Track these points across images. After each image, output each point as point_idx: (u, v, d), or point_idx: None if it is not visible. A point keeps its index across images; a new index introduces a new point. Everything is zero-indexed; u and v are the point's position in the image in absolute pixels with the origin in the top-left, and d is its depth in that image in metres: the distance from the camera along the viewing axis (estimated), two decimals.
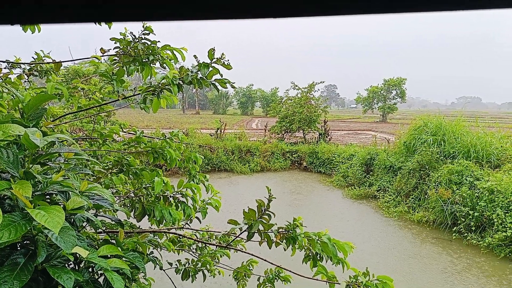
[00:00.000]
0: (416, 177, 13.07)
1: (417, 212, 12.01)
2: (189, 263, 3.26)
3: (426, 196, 12.23)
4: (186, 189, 2.89)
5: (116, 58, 2.70)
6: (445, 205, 11.08)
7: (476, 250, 9.62)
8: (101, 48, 2.66)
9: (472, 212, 10.28)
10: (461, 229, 10.45)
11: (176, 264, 3.31)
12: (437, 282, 7.91)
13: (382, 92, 55.56)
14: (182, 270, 3.23)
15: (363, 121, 56.75)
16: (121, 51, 2.66)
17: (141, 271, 2.16)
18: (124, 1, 0.43)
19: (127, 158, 3.12)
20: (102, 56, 2.72)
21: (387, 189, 14.31)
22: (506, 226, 9.35)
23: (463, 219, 10.49)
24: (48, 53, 3.25)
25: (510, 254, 9.04)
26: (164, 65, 2.92)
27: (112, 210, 2.58)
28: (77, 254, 1.60)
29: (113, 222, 2.60)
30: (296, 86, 24.52)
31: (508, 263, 8.85)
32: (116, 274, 1.68)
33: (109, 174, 3.07)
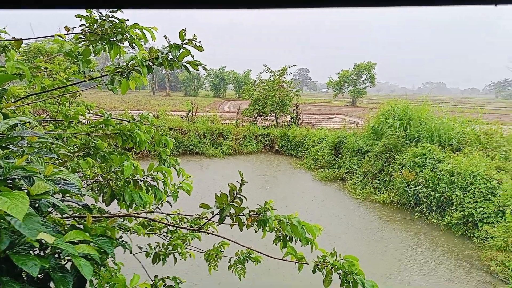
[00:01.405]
0: (383, 159, 13.54)
1: (383, 193, 12.51)
2: (159, 247, 3.25)
3: (391, 178, 12.73)
4: (157, 173, 2.86)
5: (82, 36, 2.58)
6: (408, 187, 11.59)
7: (436, 228, 10.19)
8: (66, 26, 2.53)
9: (434, 193, 10.83)
10: (423, 209, 11.01)
11: (146, 248, 3.30)
12: (400, 259, 8.34)
13: (352, 76, 56.48)
14: (153, 253, 3.23)
15: (333, 105, 57.65)
16: (87, 29, 2.53)
17: (110, 256, 2.14)
18: None
19: (95, 141, 3.03)
20: (67, 34, 2.59)
21: (355, 171, 14.77)
22: (464, 206, 9.93)
23: (425, 200, 11.04)
24: (4, 28, 3.05)
25: (466, 232, 9.65)
26: (133, 44, 2.82)
27: (79, 195, 2.51)
28: (43, 240, 1.56)
29: (81, 207, 2.54)
30: (269, 69, 24.47)
31: (465, 240, 9.45)
32: (84, 260, 1.65)
33: (75, 158, 2.97)
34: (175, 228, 3.31)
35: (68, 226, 2.13)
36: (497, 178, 9.88)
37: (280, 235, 2.41)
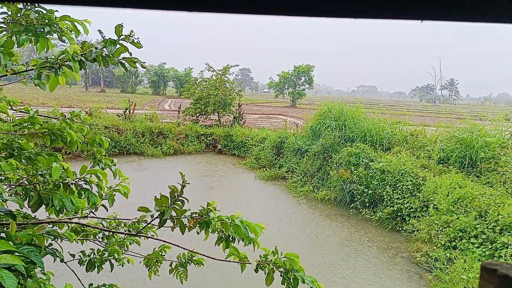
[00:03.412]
0: (320, 159, 14.14)
1: (321, 191, 13.07)
2: (94, 253, 3.06)
3: (328, 176, 13.34)
4: (90, 175, 2.69)
5: (3, 26, 2.34)
6: (344, 184, 12.23)
7: (369, 223, 10.88)
8: None
9: (367, 190, 11.55)
10: (358, 206, 11.69)
11: (79, 255, 3.08)
12: (337, 252, 8.77)
13: (292, 78, 58.11)
14: (87, 261, 3.03)
15: (275, 105, 58.80)
16: (9, 18, 2.30)
17: (38, 266, 1.97)
18: None
19: (19, 141, 2.77)
20: None
21: (295, 170, 15.24)
22: (394, 201, 10.73)
23: (359, 197, 11.73)
24: None
25: (396, 226, 10.43)
26: (64, 37, 2.62)
27: (0, 200, 2.28)
28: None
29: (3, 214, 2.31)
30: (211, 67, 24.27)
31: (394, 233, 10.21)
32: (7, 272, 1.52)
33: None
34: (111, 233, 3.14)
35: None
36: (421, 176, 10.81)
37: (223, 236, 2.40)
